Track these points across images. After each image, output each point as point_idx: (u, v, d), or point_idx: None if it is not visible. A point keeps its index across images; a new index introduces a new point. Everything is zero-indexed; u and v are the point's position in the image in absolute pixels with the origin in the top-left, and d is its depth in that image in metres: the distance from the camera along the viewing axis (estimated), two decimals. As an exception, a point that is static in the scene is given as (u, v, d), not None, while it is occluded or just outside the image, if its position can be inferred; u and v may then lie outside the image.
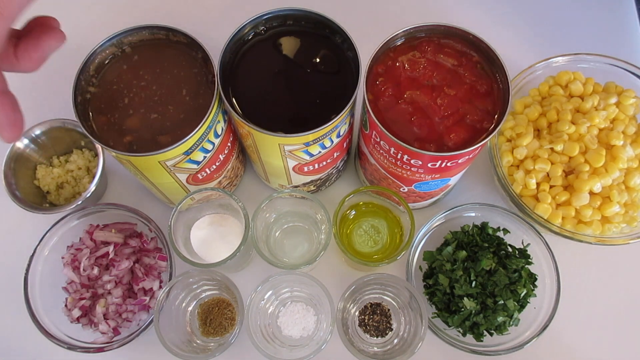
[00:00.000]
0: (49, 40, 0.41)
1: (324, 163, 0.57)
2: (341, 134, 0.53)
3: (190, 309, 0.61)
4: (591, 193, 0.58)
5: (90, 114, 0.50)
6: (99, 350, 0.57)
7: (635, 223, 0.59)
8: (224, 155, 0.56)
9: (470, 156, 0.50)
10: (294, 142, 0.49)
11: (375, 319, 0.60)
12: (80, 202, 0.61)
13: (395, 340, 0.59)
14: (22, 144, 0.64)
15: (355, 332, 0.60)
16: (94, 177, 0.62)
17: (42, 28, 0.42)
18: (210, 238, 0.60)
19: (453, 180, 0.57)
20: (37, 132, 0.64)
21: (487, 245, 0.59)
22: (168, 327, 0.55)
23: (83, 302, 0.59)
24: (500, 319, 0.56)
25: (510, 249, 0.60)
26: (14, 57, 0.40)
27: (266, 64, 0.52)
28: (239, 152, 0.62)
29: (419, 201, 0.62)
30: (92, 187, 0.61)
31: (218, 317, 0.60)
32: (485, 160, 0.65)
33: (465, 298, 0.56)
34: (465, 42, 0.51)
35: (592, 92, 0.63)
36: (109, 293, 0.60)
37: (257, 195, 0.67)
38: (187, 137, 0.47)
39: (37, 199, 0.65)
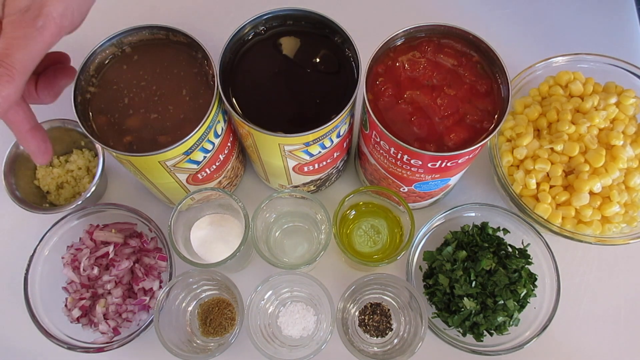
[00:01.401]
0: (64, 78, 0.49)
1: (324, 163, 0.57)
2: (341, 134, 0.53)
3: (190, 309, 0.61)
4: (591, 193, 0.58)
5: (90, 114, 0.50)
6: (99, 350, 0.57)
7: (635, 223, 0.59)
8: (224, 155, 0.56)
9: (470, 156, 0.50)
10: (294, 142, 0.49)
11: (375, 319, 0.60)
12: (80, 202, 0.61)
13: (395, 340, 0.59)
14: None
15: (355, 332, 0.60)
16: (94, 177, 0.62)
17: (56, 67, 0.49)
18: (210, 238, 0.60)
19: (453, 180, 0.57)
20: None
21: (487, 245, 0.59)
22: (168, 327, 0.55)
23: (83, 302, 0.59)
24: (500, 319, 0.56)
25: (510, 249, 0.60)
26: (35, 94, 0.47)
27: (266, 64, 0.52)
28: (239, 152, 0.62)
29: (419, 201, 0.62)
30: (92, 187, 0.61)
31: (218, 317, 0.60)
32: (485, 160, 0.65)
33: (465, 298, 0.56)
34: (465, 42, 0.51)
35: (592, 92, 0.63)
36: (109, 293, 0.60)
37: (257, 195, 0.67)
38: (187, 137, 0.47)
39: (37, 199, 0.65)
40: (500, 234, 0.62)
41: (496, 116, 0.49)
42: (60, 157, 0.67)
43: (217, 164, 0.56)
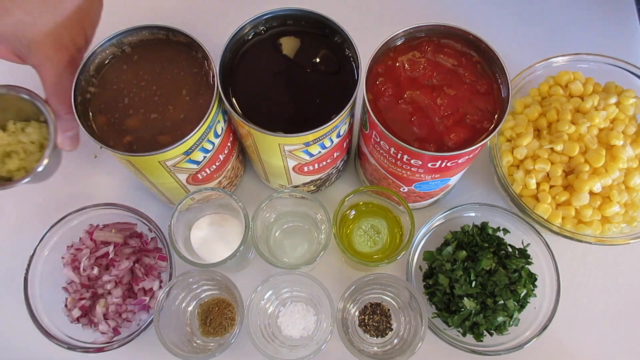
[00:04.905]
0: None
1: (324, 163, 0.57)
2: (341, 134, 0.53)
3: (190, 309, 0.61)
4: (591, 193, 0.58)
5: (90, 114, 0.50)
6: (99, 350, 0.57)
7: (635, 223, 0.59)
8: (224, 155, 0.56)
9: (470, 156, 0.50)
10: (294, 142, 0.49)
11: (375, 319, 0.60)
12: (28, 179, 0.51)
13: (395, 340, 0.59)
14: None
15: (355, 332, 0.60)
16: (43, 158, 0.50)
17: None
18: (210, 238, 0.60)
19: (453, 180, 0.57)
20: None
21: (487, 245, 0.59)
22: (168, 327, 0.55)
23: (83, 302, 0.59)
24: (500, 319, 0.56)
25: (510, 249, 0.60)
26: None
27: (266, 64, 0.52)
28: (239, 152, 0.62)
29: (419, 201, 0.62)
30: (40, 168, 0.50)
31: (218, 317, 0.60)
32: (485, 160, 0.65)
33: (465, 298, 0.56)
34: (465, 42, 0.51)
35: (592, 92, 0.63)
36: (109, 293, 0.60)
37: (257, 195, 0.67)
38: (187, 137, 0.47)
39: None
40: (500, 234, 0.62)
41: (496, 116, 0.49)
42: (17, 123, 0.54)
43: (217, 164, 0.56)
